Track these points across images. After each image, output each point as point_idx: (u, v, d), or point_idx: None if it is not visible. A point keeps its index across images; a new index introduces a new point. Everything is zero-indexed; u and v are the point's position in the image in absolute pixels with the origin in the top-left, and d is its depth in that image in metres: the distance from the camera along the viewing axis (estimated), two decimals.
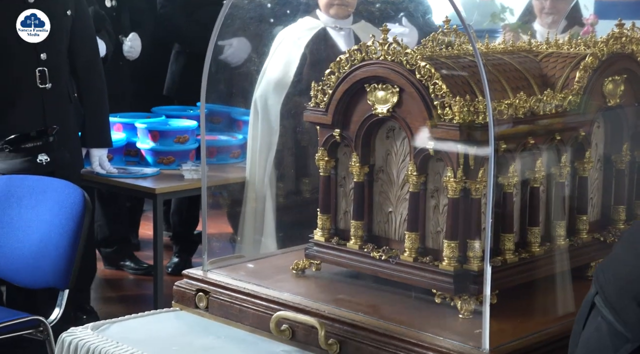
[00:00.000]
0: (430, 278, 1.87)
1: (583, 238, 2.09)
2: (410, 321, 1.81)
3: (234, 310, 2.01)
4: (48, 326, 2.91)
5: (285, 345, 1.90)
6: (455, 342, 1.71)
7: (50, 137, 3.37)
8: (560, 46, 2.16)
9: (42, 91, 3.43)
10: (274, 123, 3.40)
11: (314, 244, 2.08)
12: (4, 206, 3.11)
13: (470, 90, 1.87)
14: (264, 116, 3.44)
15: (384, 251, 1.96)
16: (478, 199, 1.84)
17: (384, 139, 1.99)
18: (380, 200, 2.00)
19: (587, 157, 2.07)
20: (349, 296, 1.96)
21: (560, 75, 2.04)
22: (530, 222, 1.97)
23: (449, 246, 1.85)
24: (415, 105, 1.87)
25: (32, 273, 2.91)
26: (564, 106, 1.99)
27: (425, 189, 1.91)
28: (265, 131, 3.42)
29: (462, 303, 1.82)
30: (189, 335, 1.99)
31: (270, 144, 3.40)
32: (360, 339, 1.80)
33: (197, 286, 2.09)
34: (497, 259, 1.89)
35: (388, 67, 1.90)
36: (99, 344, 1.92)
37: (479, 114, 1.80)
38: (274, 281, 2.06)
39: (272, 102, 3.40)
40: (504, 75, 1.98)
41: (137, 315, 2.11)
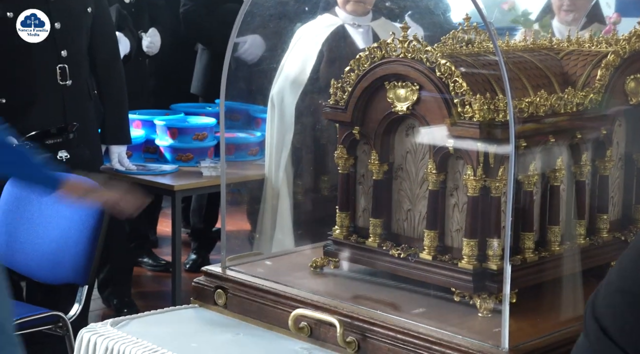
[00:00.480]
0: (449, 276, 1.87)
1: (603, 237, 2.07)
2: (429, 319, 1.80)
3: (253, 307, 2.01)
4: (67, 321, 2.93)
5: (303, 342, 1.90)
6: (474, 341, 1.70)
7: (70, 134, 3.39)
8: (582, 44, 2.15)
9: (62, 87, 3.44)
10: (289, 120, 3.40)
11: (333, 242, 2.08)
12: (25, 203, 3.13)
13: (490, 88, 1.86)
14: (279, 113, 3.44)
15: (402, 249, 1.95)
16: (498, 197, 1.83)
17: (403, 136, 1.98)
18: (399, 198, 2.00)
19: (608, 156, 2.05)
20: (368, 294, 1.95)
21: (582, 73, 2.03)
22: (550, 221, 1.96)
23: (469, 244, 1.84)
24: (435, 103, 1.86)
25: (52, 268, 2.93)
26: (585, 104, 1.97)
27: (445, 187, 1.90)
28: (281, 127, 3.42)
29: (481, 301, 1.82)
30: (208, 332, 1.99)
31: (285, 141, 3.40)
32: (379, 337, 1.79)
33: (216, 283, 2.09)
34: (517, 258, 1.88)
35: (408, 64, 1.89)
36: (118, 341, 1.93)
37: (499, 112, 1.79)
38: (293, 278, 2.06)
39: (288, 99, 3.40)
40: (524, 73, 1.97)
41: (156, 311, 2.11)
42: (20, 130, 3.38)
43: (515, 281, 1.79)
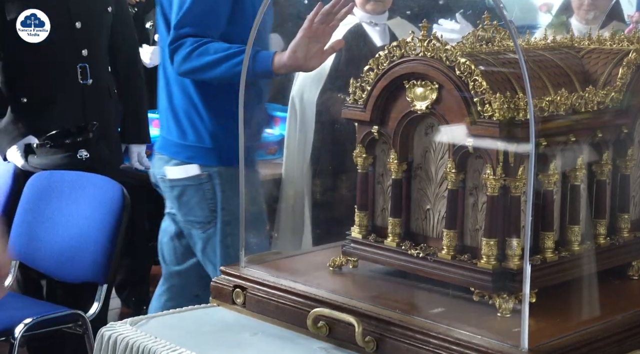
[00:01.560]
0: (469, 276, 1.86)
1: (624, 237, 2.06)
2: (448, 319, 1.79)
3: (271, 306, 2.01)
4: (87, 320, 2.95)
5: (321, 342, 1.90)
6: (493, 341, 1.70)
7: (90, 133, 3.41)
8: (603, 42, 2.13)
9: (82, 87, 3.47)
10: (309, 119, 3.41)
11: (351, 241, 2.08)
12: (45, 201, 3.15)
13: (510, 86, 1.85)
14: (300, 112, 3.44)
15: (421, 248, 1.94)
16: (517, 196, 1.82)
17: (422, 135, 1.98)
18: (418, 197, 1.99)
19: (630, 155, 2.04)
20: (386, 294, 1.95)
21: (603, 71, 2.02)
22: (570, 221, 1.95)
23: (488, 244, 1.83)
24: (455, 102, 1.85)
25: (72, 267, 2.95)
26: (606, 103, 1.96)
27: (464, 187, 1.89)
28: (301, 127, 3.42)
29: (501, 301, 1.81)
30: (226, 331, 1.99)
31: (307, 141, 3.40)
32: (397, 337, 1.79)
33: (235, 282, 2.10)
34: (537, 258, 1.87)
35: (427, 63, 1.89)
36: (137, 339, 1.93)
37: (519, 110, 1.78)
38: (311, 277, 2.06)
39: (307, 98, 3.41)
40: (545, 71, 1.96)
41: (175, 311, 2.12)
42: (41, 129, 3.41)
43: (535, 281, 1.79)
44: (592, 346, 1.74)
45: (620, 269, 2.06)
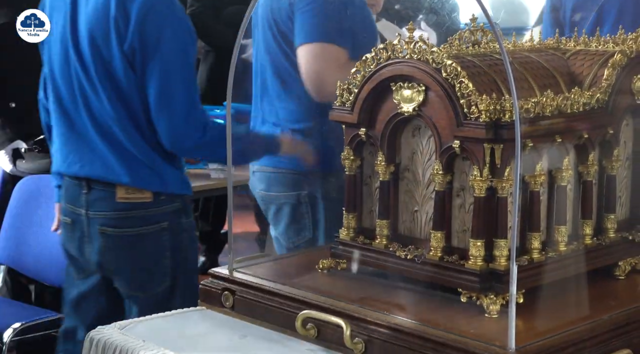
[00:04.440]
0: (456, 277, 1.86)
1: (611, 237, 2.07)
2: (436, 320, 1.80)
3: (260, 309, 2.02)
4: None
5: (310, 344, 1.90)
6: (480, 342, 1.70)
7: None
8: (589, 44, 2.15)
9: None
10: None
11: (340, 243, 2.08)
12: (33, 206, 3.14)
13: (496, 88, 1.86)
14: None
15: (409, 250, 1.95)
16: (504, 197, 1.83)
17: (409, 137, 1.98)
18: (405, 199, 2.00)
19: (616, 156, 2.05)
20: (375, 295, 1.95)
21: (588, 73, 2.03)
22: (557, 221, 1.96)
23: (475, 244, 1.84)
24: (441, 103, 1.86)
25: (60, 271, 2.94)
26: (592, 104, 1.97)
27: (451, 188, 1.90)
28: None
29: (488, 302, 1.82)
30: (215, 334, 1.99)
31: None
32: (386, 339, 1.79)
33: (223, 285, 2.10)
34: (524, 258, 1.88)
35: (414, 65, 1.89)
36: (125, 343, 1.93)
37: (505, 112, 1.79)
38: (300, 280, 2.07)
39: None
40: (531, 73, 1.97)
41: (163, 314, 2.12)
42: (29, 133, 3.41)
43: (521, 282, 1.79)
44: (579, 346, 1.75)
45: (607, 270, 2.07)
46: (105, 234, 2.55)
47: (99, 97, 2.52)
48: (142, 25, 2.46)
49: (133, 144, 2.52)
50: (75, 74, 2.57)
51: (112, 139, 2.52)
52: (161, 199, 2.54)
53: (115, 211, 2.52)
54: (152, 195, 2.53)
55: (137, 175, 2.51)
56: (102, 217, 2.54)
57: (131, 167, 2.51)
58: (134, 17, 2.46)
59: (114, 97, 2.51)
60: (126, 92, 2.51)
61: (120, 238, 2.55)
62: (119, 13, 2.46)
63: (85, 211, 2.55)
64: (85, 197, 2.56)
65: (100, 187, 2.54)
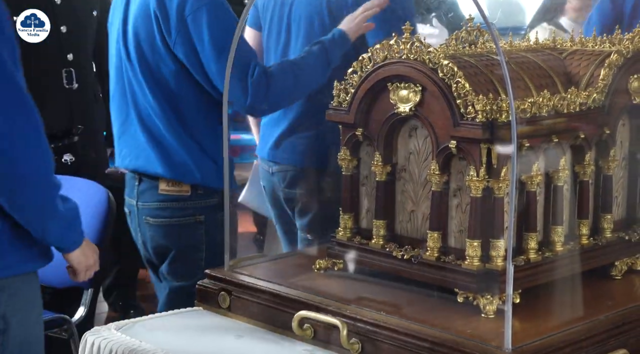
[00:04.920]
0: (453, 277, 1.86)
1: (607, 237, 2.07)
2: (433, 320, 1.80)
3: (256, 309, 2.01)
4: (73, 325, 2.94)
5: (307, 344, 1.90)
6: (477, 342, 1.70)
7: (75, 136, 3.40)
8: (585, 44, 2.15)
9: (68, 91, 3.45)
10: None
11: (336, 243, 2.08)
12: None
13: (493, 88, 1.86)
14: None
15: (406, 250, 1.95)
16: (501, 197, 1.83)
17: (406, 138, 1.98)
18: (402, 199, 2.00)
19: (612, 156, 2.05)
20: (371, 296, 1.95)
21: (585, 73, 2.03)
22: (553, 221, 1.96)
23: (472, 245, 1.84)
24: (438, 104, 1.86)
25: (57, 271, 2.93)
26: (589, 104, 1.97)
27: (448, 188, 1.90)
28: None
29: (485, 302, 1.81)
30: (212, 334, 1.99)
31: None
32: (382, 339, 1.79)
33: (220, 286, 2.09)
34: (520, 258, 1.88)
35: (411, 65, 1.89)
36: (121, 344, 1.93)
37: (502, 112, 1.79)
38: (296, 280, 2.06)
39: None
40: (527, 73, 1.97)
41: (160, 314, 2.12)
42: None
43: (518, 282, 1.79)
44: (576, 346, 1.75)
45: (604, 270, 2.07)
46: (149, 224, 2.68)
47: (144, 93, 2.63)
48: (182, 15, 2.54)
49: (176, 139, 2.62)
50: (125, 72, 2.69)
51: (155, 134, 2.63)
52: (199, 194, 2.64)
53: (157, 202, 2.66)
54: (190, 189, 2.63)
55: (177, 169, 2.62)
56: (147, 208, 2.68)
57: (172, 161, 2.62)
58: (174, 11, 2.53)
59: (159, 93, 2.61)
60: (172, 87, 2.60)
61: (159, 228, 2.67)
62: (159, 10, 2.55)
63: (136, 202, 2.71)
64: (136, 189, 2.71)
65: (148, 180, 2.68)
